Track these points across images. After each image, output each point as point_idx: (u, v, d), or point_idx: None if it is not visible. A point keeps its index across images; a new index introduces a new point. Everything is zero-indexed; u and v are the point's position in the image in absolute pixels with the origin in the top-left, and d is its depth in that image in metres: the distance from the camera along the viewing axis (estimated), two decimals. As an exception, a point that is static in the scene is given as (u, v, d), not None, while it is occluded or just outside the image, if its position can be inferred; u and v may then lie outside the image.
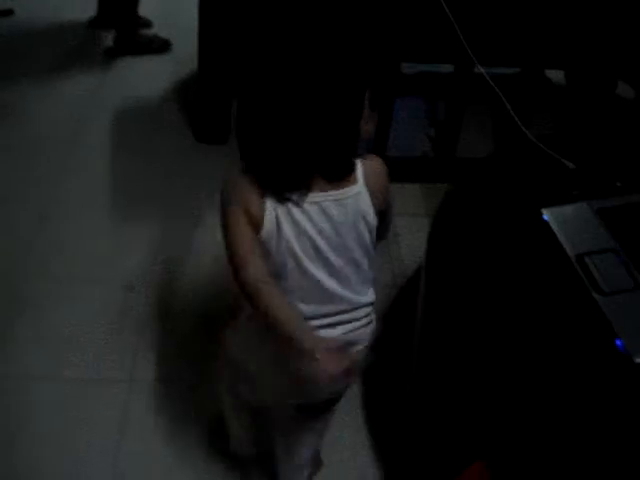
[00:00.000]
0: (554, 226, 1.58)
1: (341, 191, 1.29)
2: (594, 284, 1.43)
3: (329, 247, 1.30)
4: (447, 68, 3.01)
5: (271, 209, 1.25)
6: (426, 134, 2.87)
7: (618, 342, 1.30)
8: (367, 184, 1.33)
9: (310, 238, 1.28)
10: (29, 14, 3.61)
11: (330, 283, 1.32)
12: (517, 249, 1.58)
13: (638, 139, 1.92)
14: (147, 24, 3.50)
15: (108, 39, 3.38)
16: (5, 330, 2.07)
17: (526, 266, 1.54)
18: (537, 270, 1.52)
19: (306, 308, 1.32)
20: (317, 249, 1.29)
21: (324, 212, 1.28)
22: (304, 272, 1.29)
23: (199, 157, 2.72)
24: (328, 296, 1.33)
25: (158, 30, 3.48)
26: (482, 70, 1.97)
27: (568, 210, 1.63)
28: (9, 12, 3.63)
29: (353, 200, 1.31)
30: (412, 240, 2.46)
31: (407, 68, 2.86)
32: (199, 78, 2.81)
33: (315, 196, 1.27)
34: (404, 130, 2.76)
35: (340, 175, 1.30)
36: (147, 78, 3.19)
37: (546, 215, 1.60)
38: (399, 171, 2.68)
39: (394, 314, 2.19)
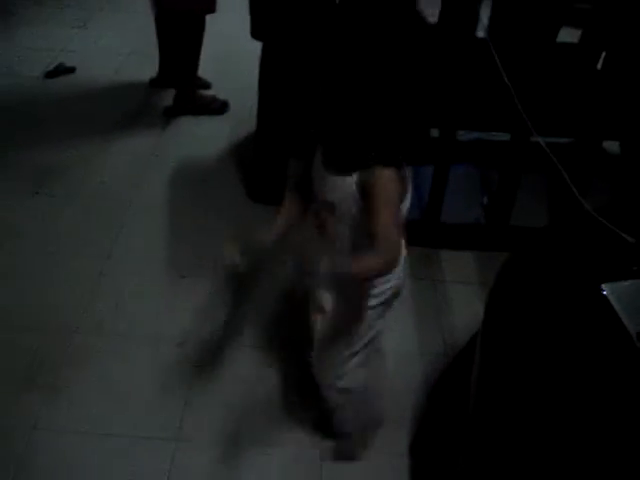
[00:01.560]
0: (614, 302, 1.55)
1: None
2: (657, 363, 1.39)
3: None
4: (501, 136, 3.05)
5: None
6: (480, 202, 2.85)
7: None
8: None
9: None
10: (91, 72, 3.74)
11: None
12: (576, 324, 1.55)
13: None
14: (206, 85, 3.59)
15: (168, 99, 3.47)
16: (57, 383, 2.09)
17: (585, 341, 1.51)
18: (596, 346, 1.49)
19: None
20: None
21: None
22: None
23: (254, 216, 2.74)
24: None
25: (216, 92, 3.57)
26: (540, 140, 1.97)
27: (628, 286, 1.60)
28: (72, 70, 3.77)
29: None
30: (464, 309, 2.44)
31: (462, 135, 2.87)
32: (257, 139, 2.86)
33: None
34: (457, 197, 2.75)
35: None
36: (205, 137, 3.26)
37: (606, 290, 1.58)
38: (452, 238, 2.69)
39: (445, 384, 2.16)
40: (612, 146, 3.05)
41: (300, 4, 2.50)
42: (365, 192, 1.54)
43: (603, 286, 1.59)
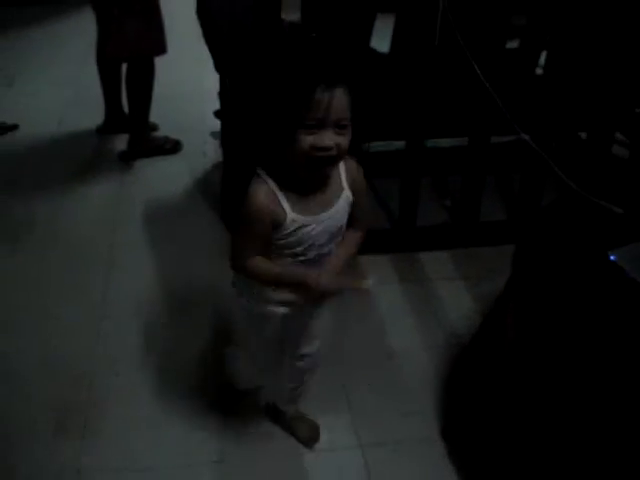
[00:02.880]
0: (624, 264, 1.74)
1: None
2: (676, 310, 1.58)
3: None
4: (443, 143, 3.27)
5: None
6: (442, 204, 3.05)
7: None
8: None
9: None
10: (34, 128, 3.74)
11: None
12: (594, 288, 1.73)
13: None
14: (154, 127, 3.66)
15: (119, 144, 3.52)
16: (88, 425, 2.11)
17: (607, 303, 1.69)
18: (618, 304, 1.67)
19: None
20: None
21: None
22: None
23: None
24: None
25: (164, 132, 3.64)
26: (526, 137, 2.17)
27: (632, 249, 1.80)
28: (14, 127, 3.76)
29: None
30: (454, 301, 2.61)
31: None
32: (225, 167, 2.96)
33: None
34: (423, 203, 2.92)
35: None
36: (166, 177, 3.33)
37: (613, 255, 1.77)
38: (428, 240, 2.87)
39: (459, 368, 2.30)
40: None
41: (254, 37, 2.64)
42: (354, 190, 1.61)
43: (609, 253, 1.78)
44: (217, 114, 3.37)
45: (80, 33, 4.70)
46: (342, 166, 1.59)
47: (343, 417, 2.15)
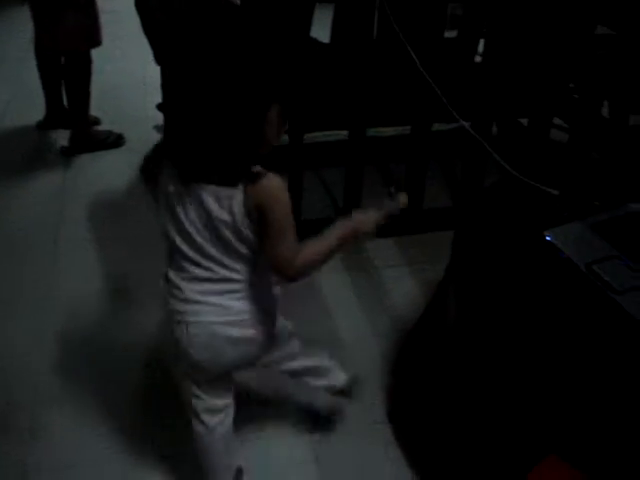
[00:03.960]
0: (559, 244, 1.79)
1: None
2: (608, 286, 1.63)
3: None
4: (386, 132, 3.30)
5: None
6: (387, 192, 3.08)
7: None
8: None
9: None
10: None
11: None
12: (531, 267, 1.78)
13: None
14: (96, 122, 3.61)
15: (61, 139, 3.47)
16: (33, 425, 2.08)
17: (543, 281, 1.74)
18: (554, 283, 1.72)
19: None
20: None
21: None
22: None
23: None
24: None
25: (106, 126, 3.60)
26: (465, 125, 2.21)
27: (567, 229, 1.85)
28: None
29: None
30: (399, 288, 2.64)
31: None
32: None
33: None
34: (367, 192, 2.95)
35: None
36: (109, 171, 3.30)
37: (549, 236, 1.82)
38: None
39: (406, 353, 2.34)
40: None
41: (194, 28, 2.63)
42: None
43: (545, 232, 1.83)
44: (160, 107, 3.35)
45: (19, 30, 4.63)
46: None
47: (294, 403, 2.16)
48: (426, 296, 2.58)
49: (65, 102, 3.46)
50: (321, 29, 2.97)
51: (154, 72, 3.12)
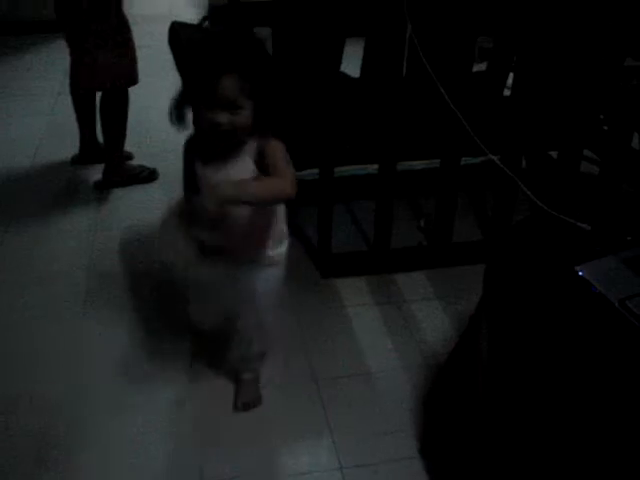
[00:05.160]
0: (591, 279, 1.78)
1: None
2: (642, 322, 1.62)
3: None
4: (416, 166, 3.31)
5: None
6: (417, 226, 3.09)
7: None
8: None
9: None
10: (8, 161, 3.73)
11: None
12: (563, 303, 1.77)
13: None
14: (129, 157, 3.67)
15: (95, 174, 3.53)
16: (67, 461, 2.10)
17: (576, 317, 1.73)
18: (586, 318, 1.71)
19: None
20: None
21: None
22: None
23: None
24: None
25: (139, 160, 3.66)
26: (494, 158, 2.21)
27: (599, 264, 1.84)
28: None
29: None
30: (430, 321, 2.63)
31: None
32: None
33: None
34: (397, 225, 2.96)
35: None
36: (143, 205, 3.33)
37: (581, 271, 1.81)
38: (403, 261, 2.90)
39: (438, 387, 2.33)
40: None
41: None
42: (263, 161, 1.81)
43: (577, 268, 1.82)
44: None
45: (54, 64, 4.75)
46: (253, 143, 1.83)
47: (323, 438, 2.16)
48: (457, 330, 2.57)
49: (100, 137, 3.52)
50: (351, 63, 3.00)
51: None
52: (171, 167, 3.57)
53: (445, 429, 2.17)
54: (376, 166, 2.78)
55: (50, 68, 4.76)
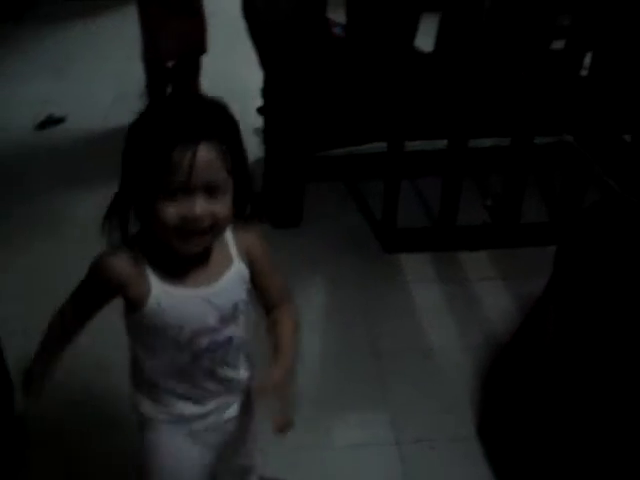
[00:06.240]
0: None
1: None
2: None
3: None
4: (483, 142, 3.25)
5: None
6: (483, 204, 3.05)
7: None
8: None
9: None
10: (80, 121, 3.82)
11: None
12: (637, 289, 1.73)
13: None
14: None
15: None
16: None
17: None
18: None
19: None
20: None
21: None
22: None
23: (277, 242, 2.83)
24: None
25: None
26: (570, 139, 2.16)
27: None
28: (61, 120, 3.84)
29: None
30: (492, 301, 2.60)
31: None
32: (267, 166, 2.98)
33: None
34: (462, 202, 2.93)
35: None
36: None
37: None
38: (468, 239, 2.87)
39: (498, 368, 2.31)
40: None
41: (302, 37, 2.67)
42: (251, 259, 1.33)
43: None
44: (260, 111, 3.41)
45: (124, 29, 4.78)
46: (230, 235, 1.32)
47: (380, 413, 2.16)
48: (520, 311, 2.54)
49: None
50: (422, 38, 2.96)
51: (253, 76, 3.17)
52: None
53: (505, 411, 2.15)
54: (444, 142, 2.75)
55: (119, 33, 4.80)
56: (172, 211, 1.16)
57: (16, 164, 3.46)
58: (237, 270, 1.31)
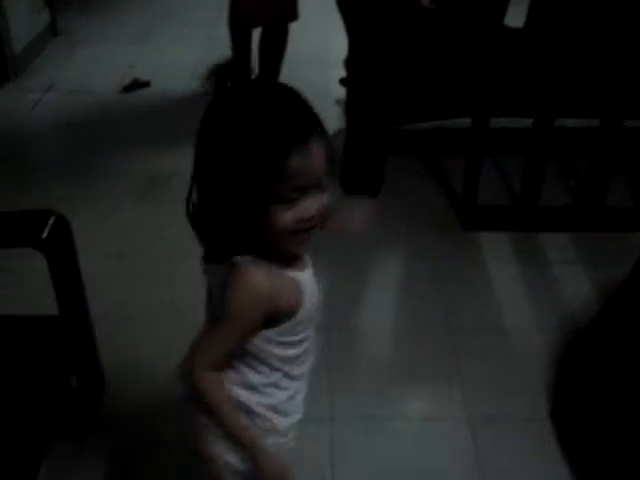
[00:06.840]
0: None
1: None
2: None
3: None
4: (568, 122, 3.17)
5: None
6: (567, 185, 3.00)
7: None
8: None
9: None
10: (164, 86, 3.90)
11: None
12: None
13: None
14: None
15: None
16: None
17: None
18: None
19: None
20: None
21: None
22: None
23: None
24: None
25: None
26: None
27: None
28: (147, 84, 3.92)
29: None
30: (571, 285, 2.57)
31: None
32: (348, 135, 2.97)
33: None
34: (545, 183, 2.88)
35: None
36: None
37: None
38: (549, 221, 2.82)
39: (574, 351, 2.28)
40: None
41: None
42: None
43: None
44: (342, 82, 3.41)
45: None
46: None
47: (454, 388, 2.17)
48: (599, 297, 2.49)
49: (254, 71, 3.58)
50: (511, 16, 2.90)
51: (335, 46, 3.16)
52: (318, 106, 3.61)
53: (580, 396, 2.13)
54: (529, 120, 2.70)
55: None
56: (289, 215, 1.07)
57: (102, 125, 3.56)
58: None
